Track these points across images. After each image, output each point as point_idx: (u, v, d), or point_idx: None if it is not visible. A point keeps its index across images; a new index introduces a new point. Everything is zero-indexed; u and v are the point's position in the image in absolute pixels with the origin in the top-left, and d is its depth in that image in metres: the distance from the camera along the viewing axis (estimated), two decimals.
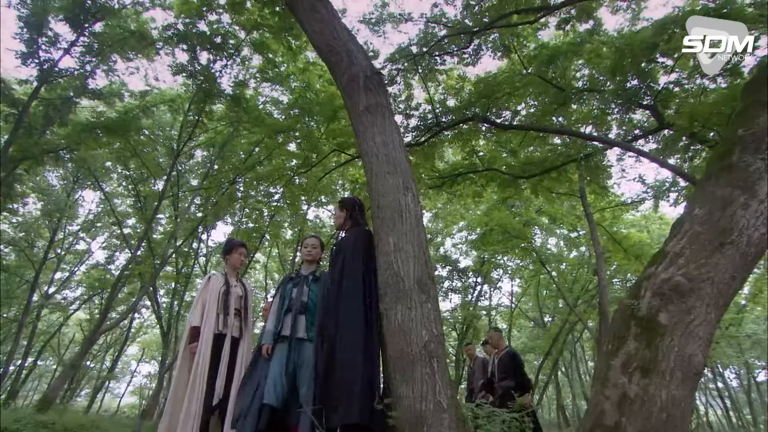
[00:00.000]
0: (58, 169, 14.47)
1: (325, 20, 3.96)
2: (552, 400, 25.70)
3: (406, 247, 2.74)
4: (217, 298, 3.25)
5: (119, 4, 9.64)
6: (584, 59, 7.47)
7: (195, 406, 2.91)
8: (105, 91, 10.70)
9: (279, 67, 10.39)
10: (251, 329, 3.43)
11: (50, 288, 17.35)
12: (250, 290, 3.57)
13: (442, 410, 2.35)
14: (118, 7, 9.61)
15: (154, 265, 11.93)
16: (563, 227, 14.55)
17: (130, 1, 9.85)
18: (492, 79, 7.71)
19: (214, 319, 3.18)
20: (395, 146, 3.20)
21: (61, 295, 18.35)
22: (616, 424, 1.94)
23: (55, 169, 14.23)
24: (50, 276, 17.26)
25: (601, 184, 9.40)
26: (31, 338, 16.28)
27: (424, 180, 8.90)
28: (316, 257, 3.30)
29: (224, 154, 12.78)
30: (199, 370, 3.00)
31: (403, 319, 2.56)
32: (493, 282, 17.93)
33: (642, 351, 2.06)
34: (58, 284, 17.73)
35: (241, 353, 3.19)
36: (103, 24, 9.72)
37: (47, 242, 15.71)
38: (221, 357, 3.08)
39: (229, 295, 3.29)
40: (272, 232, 13.77)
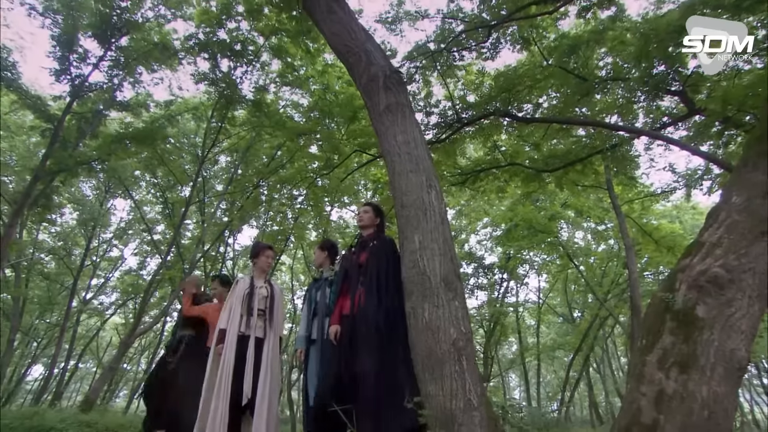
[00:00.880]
0: (91, 180, 15.05)
1: (343, 21, 3.98)
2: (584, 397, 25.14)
3: (432, 245, 2.73)
4: (242, 300, 3.33)
5: (143, 17, 9.95)
6: (607, 47, 7.25)
7: (221, 406, 2.99)
8: (132, 103, 11.08)
9: (298, 71, 10.51)
10: (279, 329, 3.44)
11: (87, 294, 18.09)
12: (278, 291, 3.59)
13: (472, 408, 2.34)
14: (142, 21, 9.92)
15: (184, 269, 12.27)
16: (590, 220, 14.19)
17: (153, 15, 10.15)
18: (512, 73, 7.58)
19: (238, 320, 3.27)
20: (417, 144, 3.19)
21: (97, 301, 19.14)
22: (654, 422, 1.88)
23: (89, 179, 14.80)
24: (87, 282, 17.98)
25: (629, 174, 9.12)
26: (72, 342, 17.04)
27: (447, 177, 8.83)
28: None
29: (247, 158, 13.02)
30: (224, 372, 3.09)
31: (430, 318, 2.55)
32: (520, 278, 17.67)
33: (679, 346, 1.99)
34: (94, 290, 18.48)
35: (266, 353, 3.22)
36: (129, 38, 10.06)
37: (83, 250, 16.37)
38: (246, 358, 3.15)
39: (253, 297, 3.36)
40: (297, 234, 13.94)
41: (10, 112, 12.63)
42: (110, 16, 9.32)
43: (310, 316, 3.21)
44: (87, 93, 10.16)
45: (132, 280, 16.57)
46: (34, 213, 11.20)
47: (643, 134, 7.37)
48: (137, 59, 10.15)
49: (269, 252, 3.65)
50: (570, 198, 12.10)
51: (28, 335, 18.40)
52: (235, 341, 3.19)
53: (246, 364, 3.13)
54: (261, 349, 3.24)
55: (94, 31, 9.42)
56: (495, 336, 16.82)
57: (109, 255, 18.47)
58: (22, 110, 11.84)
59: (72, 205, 15.86)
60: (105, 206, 16.42)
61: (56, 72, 9.40)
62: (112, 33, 9.58)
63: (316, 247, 3.66)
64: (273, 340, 3.32)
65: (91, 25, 9.39)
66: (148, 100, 11.78)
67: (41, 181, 9.50)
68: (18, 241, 10.13)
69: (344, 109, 9.61)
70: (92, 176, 13.52)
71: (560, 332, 21.17)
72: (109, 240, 18.00)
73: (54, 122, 9.60)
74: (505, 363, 23.28)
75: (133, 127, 11.10)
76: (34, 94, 10.38)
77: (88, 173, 11.68)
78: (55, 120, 9.63)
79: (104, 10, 9.21)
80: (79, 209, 16.02)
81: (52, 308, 17.36)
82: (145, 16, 9.99)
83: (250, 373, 3.10)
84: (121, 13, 9.47)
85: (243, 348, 3.19)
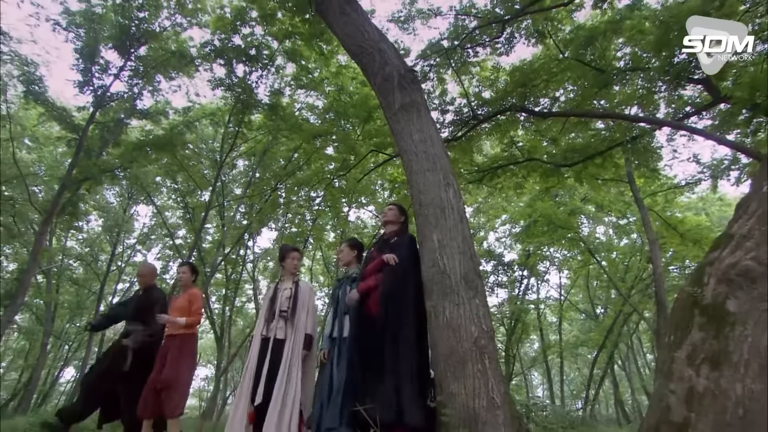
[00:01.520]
0: (115, 187, 15.47)
1: (356, 22, 4.00)
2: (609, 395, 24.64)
3: (451, 243, 2.72)
4: (266, 304, 3.46)
5: (160, 27, 10.18)
6: (625, 37, 7.08)
7: (241, 407, 3.12)
8: (152, 111, 11.35)
9: (312, 73, 10.60)
10: (306, 328, 3.36)
11: (114, 298, 18.58)
12: (304, 289, 3.53)
13: (496, 407, 2.32)
14: (160, 30, 10.15)
15: (205, 273, 12.49)
16: (611, 214, 13.92)
17: (170, 24, 10.37)
18: (527, 67, 7.48)
19: (262, 324, 3.39)
20: (433, 142, 3.18)
21: None
22: (685, 420, 1.83)
23: (112, 187, 15.21)
24: (113, 287, 18.49)
25: (651, 166, 8.89)
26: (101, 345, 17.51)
27: (464, 175, 8.77)
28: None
29: (265, 162, 13.19)
30: (247, 374, 3.24)
31: (451, 316, 2.54)
32: (540, 275, 17.45)
33: (709, 341, 1.93)
34: (120, 294, 18.96)
35: (286, 354, 3.22)
36: (147, 47, 10.31)
37: (109, 256, 16.85)
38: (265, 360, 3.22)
39: (275, 300, 3.44)
40: (315, 236, 14.06)
41: (38, 124, 13.10)
42: (129, 27, 9.57)
43: (334, 314, 3.25)
44: (109, 103, 10.46)
45: None
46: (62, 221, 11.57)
47: (665, 125, 7.18)
48: (156, 68, 10.40)
49: (295, 254, 3.68)
50: (590, 192, 11.88)
51: (60, 339, 19.04)
52: (257, 345, 3.30)
53: (263, 366, 3.20)
54: (281, 350, 3.25)
55: (114, 42, 9.69)
56: (516, 334, 16.63)
57: (133, 260, 18.94)
58: (49, 122, 12.25)
59: (97, 213, 16.35)
60: (128, 213, 16.87)
61: (80, 83, 9.72)
62: (131, 43, 9.84)
63: (344, 245, 3.58)
64: (295, 340, 3.28)
65: (111, 36, 9.67)
66: (167, 108, 12.04)
67: (68, 190, 9.81)
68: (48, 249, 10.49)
69: (359, 110, 9.65)
70: (115, 183, 13.90)
71: (583, 329, 20.81)
72: (133, 245, 18.49)
73: (79, 132, 9.91)
74: (527, 361, 23.00)
75: (153, 134, 11.36)
76: (60, 105, 10.73)
77: (111, 181, 12.01)
78: (79, 130, 9.95)
79: (123, 21, 9.46)
80: (103, 216, 16.50)
81: (82, 312, 17.91)
82: (162, 26, 10.23)
83: (264, 375, 3.16)
84: (140, 23, 9.72)
85: (264, 350, 3.26)
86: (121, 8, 9.41)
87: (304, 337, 3.29)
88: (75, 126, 10.18)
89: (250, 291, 16.74)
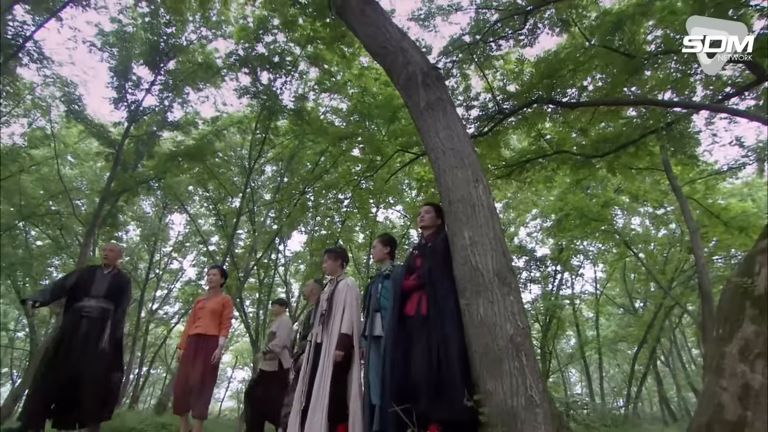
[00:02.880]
0: (150, 198, 16.09)
1: (377, 23, 4.00)
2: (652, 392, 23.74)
3: (483, 240, 2.68)
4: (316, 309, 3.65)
5: (187, 40, 10.53)
6: (655, 19, 6.79)
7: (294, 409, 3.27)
8: (182, 122, 11.76)
9: (335, 76, 10.71)
10: (336, 329, 3.25)
11: (153, 305, 19.33)
12: (342, 288, 3.42)
13: (535, 405, 2.28)
14: (186, 44, 10.50)
15: (239, 277, 12.81)
16: (647, 205, 13.40)
17: (196, 37, 10.72)
18: (553, 57, 7.28)
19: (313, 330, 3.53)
20: (460, 139, 3.15)
21: (162, 311, 20.41)
22: (740, 419, 1.75)
23: (148, 197, 15.84)
24: (153, 294, 19.22)
25: (689, 153, 8.49)
26: (143, 350, 18.28)
27: (492, 170, 8.64)
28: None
29: (292, 166, 13.41)
30: (300, 378, 3.41)
31: (485, 314, 2.51)
32: (574, 269, 17.01)
33: (763, 335, 1.83)
34: (159, 301, 19.71)
35: (323, 357, 3.24)
36: (175, 61, 10.68)
37: (147, 264, 17.53)
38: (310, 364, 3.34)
39: (318, 305, 3.56)
40: (345, 237, 14.18)
41: (78, 141, 13.80)
42: (158, 43, 9.96)
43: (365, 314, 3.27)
44: (142, 116, 10.92)
45: (192, 290, 17.54)
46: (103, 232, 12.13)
47: (703, 108, 6.86)
48: (184, 80, 10.77)
49: (324, 256, 3.74)
50: (624, 183, 11.48)
51: None
52: (309, 349, 3.45)
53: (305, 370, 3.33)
54: (319, 353, 3.29)
55: (145, 58, 10.11)
56: (552, 330, 16.26)
57: (170, 267, 19.68)
58: (89, 138, 12.88)
59: (135, 223, 17.07)
60: (164, 222, 17.50)
61: (115, 100, 10.19)
62: (160, 58, 10.23)
63: (376, 241, 3.51)
64: (329, 342, 3.26)
65: (142, 53, 10.09)
66: (196, 118, 12.45)
67: (108, 202, 10.28)
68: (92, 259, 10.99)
69: (383, 110, 9.66)
70: (151, 194, 14.47)
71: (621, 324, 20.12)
72: (169, 253, 19.19)
73: (115, 147, 10.38)
74: (563, 358, 22.45)
75: (184, 144, 11.78)
76: (98, 122, 11.27)
77: (147, 191, 12.51)
78: (116, 144, 10.42)
79: (153, 38, 9.85)
80: (141, 226, 17.21)
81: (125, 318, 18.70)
82: (188, 39, 10.59)
83: (306, 380, 3.26)
84: (168, 38, 10.09)
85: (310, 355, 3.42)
86: (150, 25, 9.80)
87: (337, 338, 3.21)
88: (112, 141, 10.68)
89: (282, 294, 17.05)
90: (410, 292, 2.89)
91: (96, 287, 3.87)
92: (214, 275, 4.29)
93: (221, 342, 4.00)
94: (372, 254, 3.71)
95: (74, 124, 11.62)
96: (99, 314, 3.78)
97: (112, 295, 3.91)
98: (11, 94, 9.54)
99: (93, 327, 3.72)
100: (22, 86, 10.19)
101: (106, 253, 4.11)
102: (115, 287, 3.96)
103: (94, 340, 3.68)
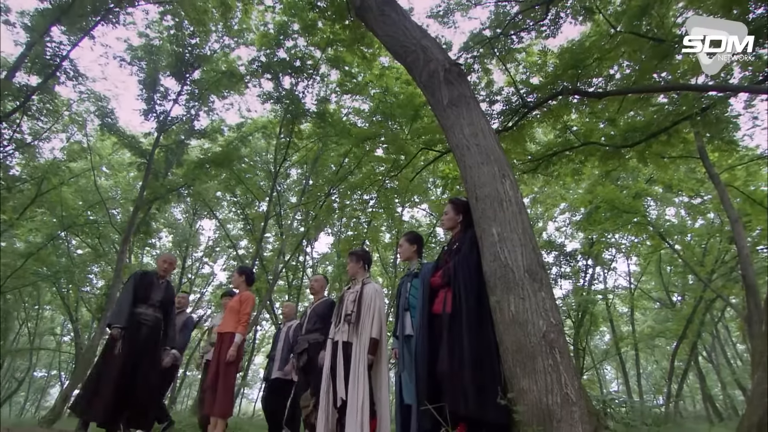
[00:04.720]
0: (181, 205, 16.60)
1: (396, 23, 3.99)
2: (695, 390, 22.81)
3: (511, 236, 2.64)
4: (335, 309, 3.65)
5: (210, 50, 10.81)
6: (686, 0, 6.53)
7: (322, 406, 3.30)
8: (208, 130, 12.10)
9: (356, 78, 10.78)
10: (367, 332, 3.30)
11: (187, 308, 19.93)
12: (369, 292, 3.46)
13: (571, 403, 2.22)
14: (210, 53, 10.79)
15: (268, 280, 13.05)
16: (682, 194, 12.88)
17: (219, 46, 10.99)
18: (577, 47, 7.09)
19: (332, 328, 3.53)
20: (485, 135, 3.11)
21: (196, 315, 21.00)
22: None
23: (178, 204, 16.34)
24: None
25: (726, 138, 8.10)
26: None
27: (517, 165, 8.49)
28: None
29: (317, 169, 13.56)
30: (323, 375, 3.39)
31: (517, 310, 2.46)
32: (606, 263, 16.52)
33: None
34: (192, 305, 20.30)
35: (355, 356, 3.27)
36: (200, 70, 10.99)
37: (180, 269, 18.09)
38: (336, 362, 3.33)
39: (341, 304, 3.55)
40: (371, 237, 14.23)
41: (112, 153, 14.38)
42: (183, 54, 10.26)
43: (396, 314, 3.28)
44: (170, 126, 11.27)
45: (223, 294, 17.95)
46: (137, 239, 12.59)
47: (742, 90, 6.52)
48: (209, 89, 11.06)
49: (348, 258, 3.77)
50: (656, 172, 11.06)
51: None
52: (329, 347, 3.46)
53: (337, 368, 3.30)
54: (350, 352, 3.32)
55: (171, 69, 10.46)
56: (585, 326, 15.84)
57: (201, 272, 20.24)
58: (122, 149, 13.41)
59: (167, 229, 17.63)
60: (194, 227, 18.01)
61: (144, 111, 10.56)
62: (186, 69, 10.55)
63: (403, 240, 3.48)
64: (360, 344, 3.29)
65: (168, 65, 10.44)
66: (222, 125, 12.77)
67: (141, 210, 10.67)
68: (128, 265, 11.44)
69: (405, 109, 9.66)
70: (181, 201, 14.93)
71: (658, 319, 19.43)
72: (200, 258, 19.74)
73: (146, 156, 10.76)
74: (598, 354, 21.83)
75: (211, 151, 12.08)
76: (129, 134, 11.71)
77: (177, 199, 12.91)
78: (147, 154, 10.80)
79: (178, 49, 10.15)
80: (173, 232, 17.77)
81: None
82: (212, 49, 10.87)
83: (341, 376, 3.25)
84: (192, 49, 10.39)
85: (333, 352, 3.39)
86: (175, 37, 10.12)
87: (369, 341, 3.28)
88: (143, 151, 11.08)
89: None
90: (437, 291, 2.88)
91: (154, 296, 4.06)
92: (234, 277, 4.45)
93: (237, 339, 3.86)
94: (399, 253, 3.67)
95: (108, 136, 12.12)
96: (155, 323, 4.01)
97: (166, 305, 4.12)
98: (51, 111, 10.03)
99: (151, 335, 3.96)
100: (60, 103, 10.70)
101: (166, 266, 4.27)
102: (168, 298, 4.18)
103: (152, 349, 3.93)
